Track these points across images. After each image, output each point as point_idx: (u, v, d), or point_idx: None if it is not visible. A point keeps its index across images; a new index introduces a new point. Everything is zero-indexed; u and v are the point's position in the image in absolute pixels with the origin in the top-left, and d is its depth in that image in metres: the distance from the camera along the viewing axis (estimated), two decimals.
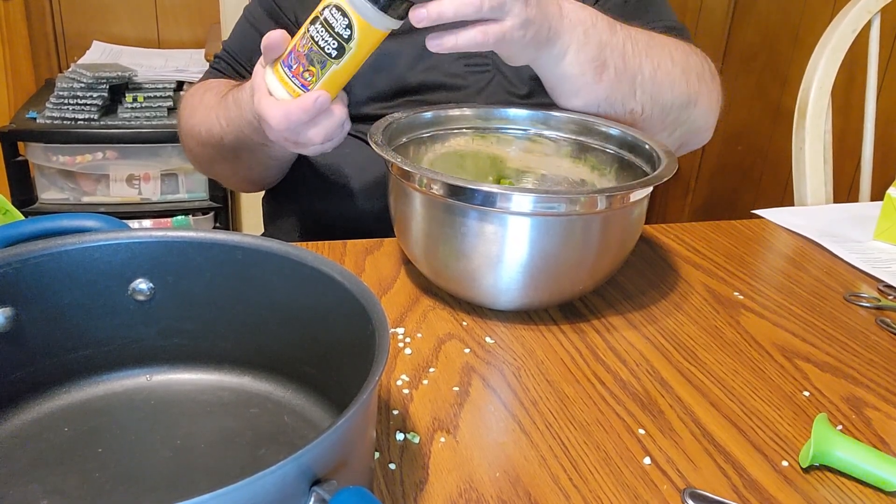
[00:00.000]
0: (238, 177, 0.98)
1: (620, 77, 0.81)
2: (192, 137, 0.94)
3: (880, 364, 0.68)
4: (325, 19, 0.67)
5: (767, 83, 2.20)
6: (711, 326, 0.72)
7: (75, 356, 0.54)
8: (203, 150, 0.93)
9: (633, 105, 0.83)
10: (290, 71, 0.70)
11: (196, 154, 0.96)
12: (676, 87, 0.86)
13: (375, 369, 0.41)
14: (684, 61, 0.87)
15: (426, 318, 0.70)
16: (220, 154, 0.91)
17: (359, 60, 0.69)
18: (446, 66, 0.93)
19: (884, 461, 0.53)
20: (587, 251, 0.68)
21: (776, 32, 2.19)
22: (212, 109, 0.88)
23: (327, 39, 0.67)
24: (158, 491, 0.48)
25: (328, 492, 0.36)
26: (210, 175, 1.07)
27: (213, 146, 0.90)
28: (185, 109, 0.96)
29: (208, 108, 0.89)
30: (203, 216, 2.07)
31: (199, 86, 0.98)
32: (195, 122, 0.92)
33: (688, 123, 0.91)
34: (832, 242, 0.91)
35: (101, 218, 0.58)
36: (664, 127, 0.88)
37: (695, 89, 0.88)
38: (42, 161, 1.94)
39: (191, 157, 0.99)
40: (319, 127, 0.71)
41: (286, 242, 0.53)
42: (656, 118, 0.86)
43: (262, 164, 0.91)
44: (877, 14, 1.21)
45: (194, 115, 0.93)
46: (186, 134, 0.95)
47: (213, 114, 0.87)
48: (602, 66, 0.79)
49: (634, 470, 0.53)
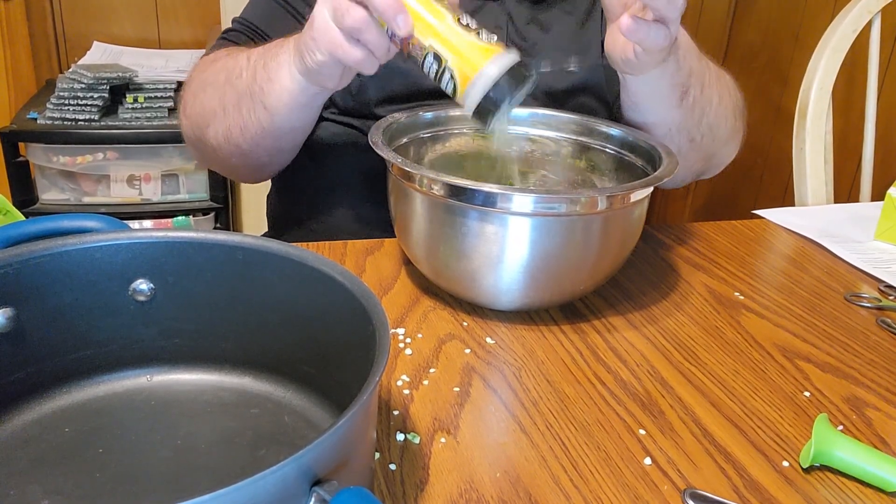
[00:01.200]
0: (246, 160, 0.89)
1: (695, 105, 0.83)
2: (202, 118, 0.87)
3: (881, 364, 0.68)
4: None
5: (768, 83, 2.20)
6: (712, 327, 0.72)
7: (76, 356, 0.54)
8: (214, 131, 0.86)
9: (695, 134, 0.86)
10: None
11: (201, 137, 0.90)
12: (728, 122, 0.89)
13: (376, 370, 0.41)
14: (735, 97, 0.91)
15: (427, 318, 0.70)
16: (237, 125, 0.84)
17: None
18: None
19: (884, 461, 0.53)
20: (588, 251, 0.68)
21: (777, 33, 2.19)
22: (229, 82, 0.82)
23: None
24: (159, 491, 0.48)
25: (329, 492, 0.36)
26: (212, 165, 0.99)
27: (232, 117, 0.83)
28: (191, 88, 0.90)
29: (222, 82, 0.83)
30: (204, 216, 2.07)
31: (205, 59, 0.92)
32: (205, 99, 0.86)
33: (720, 156, 0.94)
34: (833, 243, 0.91)
35: (102, 218, 0.58)
36: (705, 156, 0.91)
37: (737, 125, 0.92)
38: (43, 161, 1.94)
39: (193, 137, 0.92)
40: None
41: (287, 243, 0.53)
42: (705, 147, 0.89)
43: (285, 132, 0.84)
44: (877, 14, 1.21)
45: (204, 91, 0.87)
46: (197, 114, 0.89)
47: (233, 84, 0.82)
48: (686, 92, 0.81)
49: (635, 470, 0.53)
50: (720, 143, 0.91)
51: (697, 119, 0.85)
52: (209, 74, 0.88)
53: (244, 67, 0.82)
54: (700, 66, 0.83)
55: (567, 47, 0.95)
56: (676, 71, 0.79)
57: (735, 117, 0.91)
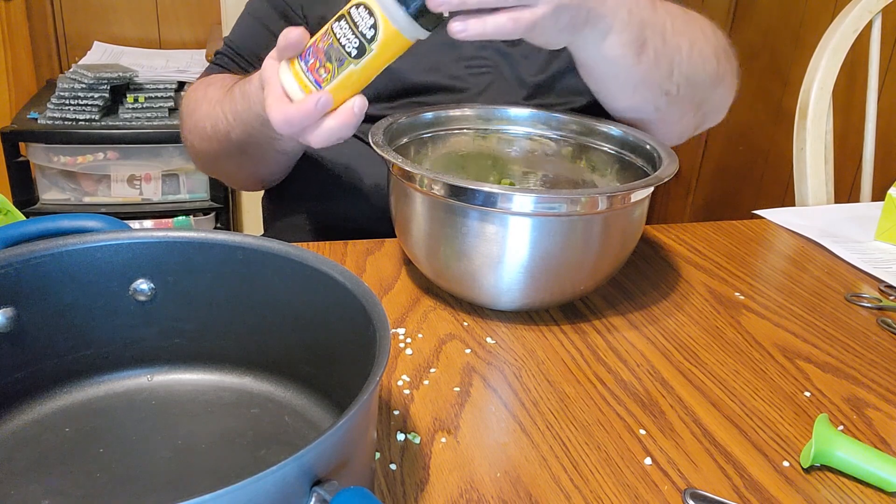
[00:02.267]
0: (244, 173, 0.96)
1: (659, 58, 0.78)
2: (195, 134, 0.93)
3: (881, 364, 0.68)
4: (350, 16, 0.64)
5: (768, 83, 2.20)
6: (712, 327, 0.72)
7: (76, 356, 0.54)
8: (208, 146, 0.91)
9: (668, 86, 0.80)
10: (306, 66, 0.67)
11: (199, 151, 0.95)
12: (708, 66, 0.83)
13: (376, 370, 0.41)
14: (714, 39, 0.85)
15: (427, 318, 0.70)
16: (225, 150, 0.89)
17: (379, 65, 0.66)
18: (447, 68, 0.93)
19: (885, 461, 0.53)
20: (588, 251, 0.68)
21: (777, 33, 2.19)
22: (217, 104, 0.87)
23: (349, 37, 0.64)
24: (159, 491, 0.48)
25: (329, 492, 0.36)
26: (213, 174, 1.05)
27: (218, 141, 0.88)
28: (188, 106, 0.95)
29: (213, 103, 0.88)
30: (204, 216, 2.07)
31: (200, 81, 0.97)
32: (199, 118, 0.91)
33: (711, 102, 0.89)
34: (833, 243, 0.91)
35: (102, 218, 0.58)
36: (691, 107, 0.86)
37: (723, 68, 0.85)
38: (43, 161, 1.94)
39: (194, 154, 0.98)
40: (321, 129, 0.69)
41: (287, 243, 0.53)
42: (686, 98, 0.83)
43: (269, 158, 0.90)
44: (878, 14, 1.21)
45: (198, 111, 0.91)
46: (190, 131, 0.94)
47: (219, 108, 0.86)
48: (642, 46, 0.76)
49: (635, 470, 0.53)
50: (705, 90, 0.85)
51: (666, 72, 0.79)
52: (198, 118, 0.92)
53: (223, 119, 0.86)
54: (657, 15, 0.77)
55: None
56: (623, 29, 0.73)
57: (718, 59, 0.84)
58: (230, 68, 0.98)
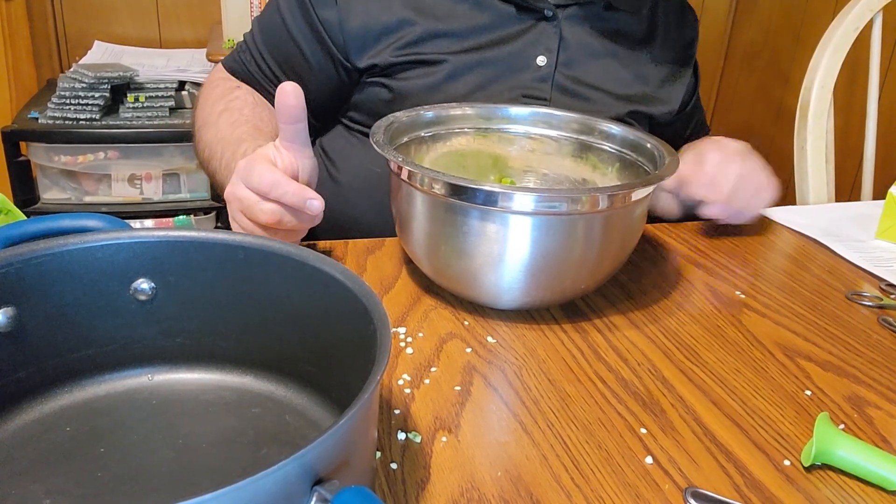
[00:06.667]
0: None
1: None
2: (197, 148, 0.93)
3: (882, 363, 0.68)
4: None
5: (769, 82, 2.20)
6: (713, 325, 0.72)
7: (77, 356, 0.54)
8: (205, 167, 0.92)
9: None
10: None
11: (200, 161, 0.95)
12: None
13: (377, 369, 0.41)
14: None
15: (427, 317, 0.70)
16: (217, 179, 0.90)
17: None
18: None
19: (886, 460, 0.53)
20: (589, 250, 0.68)
21: (778, 31, 2.19)
22: (219, 142, 0.86)
23: None
24: (160, 490, 0.48)
25: (330, 491, 0.36)
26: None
27: (211, 172, 0.89)
28: (200, 116, 0.93)
29: (217, 136, 0.87)
30: (205, 216, 2.07)
31: (220, 87, 0.95)
32: (201, 139, 0.91)
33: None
34: (834, 241, 0.91)
35: (103, 218, 0.58)
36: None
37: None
38: (44, 161, 1.94)
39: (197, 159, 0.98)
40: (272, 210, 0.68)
41: (287, 242, 0.53)
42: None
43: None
44: (878, 13, 1.21)
45: (204, 132, 0.90)
46: (195, 139, 0.94)
47: (218, 148, 0.86)
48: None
49: (636, 469, 0.53)
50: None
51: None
52: (200, 138, 0.91)
53: (217, 159, 0.86)
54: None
55: (618, 77, 0.96)
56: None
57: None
58: (250, 69, 0.97)
